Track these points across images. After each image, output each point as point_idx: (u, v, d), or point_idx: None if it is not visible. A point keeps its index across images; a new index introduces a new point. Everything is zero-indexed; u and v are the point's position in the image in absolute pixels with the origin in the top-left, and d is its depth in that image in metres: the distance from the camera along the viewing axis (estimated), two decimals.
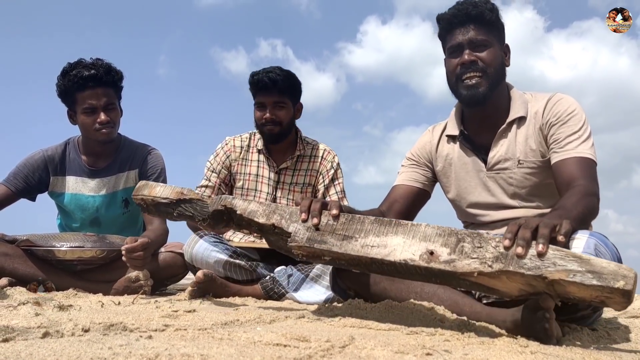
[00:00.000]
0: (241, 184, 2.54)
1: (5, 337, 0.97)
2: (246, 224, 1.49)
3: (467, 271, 1.15)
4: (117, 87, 2.43)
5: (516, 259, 1.12)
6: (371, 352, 0.96)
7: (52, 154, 2.46)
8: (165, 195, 1.60)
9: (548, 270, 1.09)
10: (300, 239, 1.36)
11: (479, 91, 1.72)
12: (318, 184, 2.60)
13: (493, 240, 1.17)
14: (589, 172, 1.59)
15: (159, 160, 2.57)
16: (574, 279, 1.06)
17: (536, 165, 1.72)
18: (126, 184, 2.50)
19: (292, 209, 1.43)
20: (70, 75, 2.31)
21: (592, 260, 1.08)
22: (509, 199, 1.75)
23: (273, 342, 1.02)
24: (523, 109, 1.76)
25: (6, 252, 2.11)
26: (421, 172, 1.95)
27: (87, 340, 1.00)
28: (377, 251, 1.27)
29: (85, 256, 2.15)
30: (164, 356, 0.85)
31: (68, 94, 2.34)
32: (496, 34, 1.77)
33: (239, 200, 1.51)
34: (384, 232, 1.29)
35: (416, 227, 1.26)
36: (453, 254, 1.19)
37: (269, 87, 2.45)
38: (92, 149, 2.48)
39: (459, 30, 1.75)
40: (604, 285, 1.04)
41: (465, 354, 1.01)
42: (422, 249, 1.22)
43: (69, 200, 2.47)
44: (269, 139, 2.52)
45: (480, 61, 1.72)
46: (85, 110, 2.33)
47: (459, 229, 1.23)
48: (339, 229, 1.34)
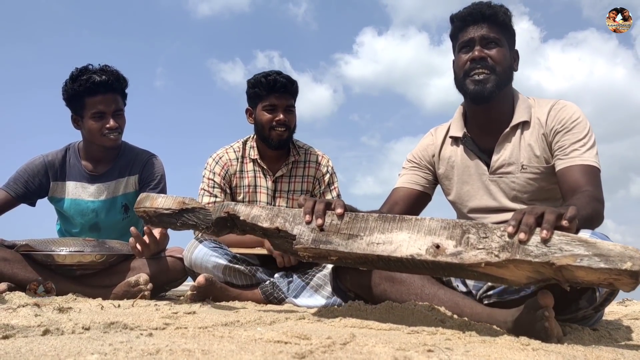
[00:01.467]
0: (242, 197, 2.51)
1: (5, 334, 0.97)
2: (250, 228, 1.49)
3: (475, 262, 1.15)
4: (124, 94, 2.45)
5: (522, 247, 1.12)
6: (372, 349, 0.96)
7: (52, 159, 2.46)
8: (168, 206, 1.59)
9: (555, 256, 1.09)
10: (306, 240, 1.35)
11: (486, 87, 1.72)
12: (314, 190, 2.60)
13: (498, 229, 1.17)
14: (594, 179, 1.61)
15: (159, 166, 2.57)
16: (582, 263, 1.06)
17: (539, 171, 1.72)
18: (126, 190, 2.50)
19: (295, 211, 1.43)
20: (81, 80, 2.32)
21: (598, 243, 1.08)
22: (510, 203, 1.75)
23: (274, 339, 1.02)
24: (527, 113, 1.77)
25: (5, 257, 2.10)
26: (422, 175, 1.94)
27: (87, 337, 0.99)
28: (383, 248, 1.27)
29: (84, 261, 2.14)
30: (165, 351, 0.85)
31: (76, 99, 2.35)
32: (507, 36, 1.79)
33: (241, 205, 1.51)
34: (388, 228, 1.29)
35: (420, 222, 1.26)
36: (459, 246, 1.19)
37: (285, 87, 2.40)
38: (94, 155, 2.48)
39: (472, 28, 1.77)
40: (612, 268, 1.04)
41: (466, 351, 1.01)
42: (428, 243, 1.22)
43: (68, 205, 2.47)
44: (277, 144, 2.45)
45: (490, 58, 1.74)
46: (94, 115, 2.34)
47: (463, 220, 1.23)
48: (344, 228, 1.34)
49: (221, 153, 2.55)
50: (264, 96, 2.43)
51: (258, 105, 2.46)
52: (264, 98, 2.43)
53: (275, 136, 2.43)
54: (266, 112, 2.43)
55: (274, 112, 2.42)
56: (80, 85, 2.32)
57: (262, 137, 2.48)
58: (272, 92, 2.41)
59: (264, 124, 2.44)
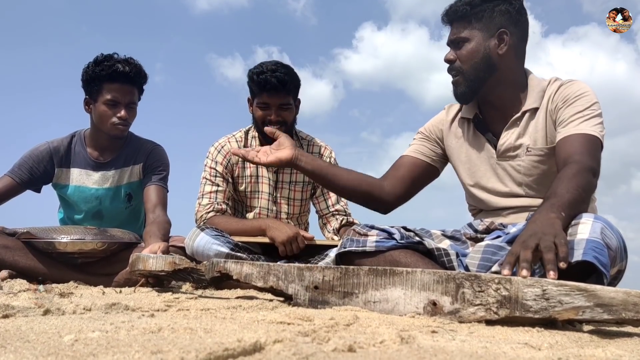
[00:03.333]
0: (244, 187, 2.50)
1: (6, 313, 0.96)
2: (246, 285, 1.49)
3: (474, 320, 1.13)
4: (142, 90, 2.48)
5: (521, 302, 1.08)
6: (376, 330, 0.95)
7: (57, 146, 2.46)
8: (160, 268, 1.57)
9: (555, 311, 1.05)
10: (302, 301, 1.34)
11: (458, 90, 1.76)
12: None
13: (492, 282, 1.12)
14: (587, 147, 1.55)
15: (163, 155, 2.57)
16: (584, 316, 1.03)
17: (544, 153, 1.70)
18: (130, 179, 2.51)
19: (285, 267, 1.39)
20: (104, 65, 2.33)
21: (599, 291, 1.03)
22: (516, 187, 1.74)
23: (276, 320, 1.01)
24: (539, 98, 1.74)
25: (6, 244, 2.09)
26: (429, 147, 1.93)
27: (88, 317, 0.99)
28: (380, 307, 1.24)
29: (86, 248, 2.13)
30: (167, 329, 0.84)
31: (95, 82, 2.36)
32: (478, 25, 1.74)
33: (231, 263, 1.47)
34: (381, 284, 1.26)
35: (412, 275, 1.22)
36: (456, 302, 1.15)
37: (276, 88, 2.34)
38: (100, 142, 2.48)
39: (450, 31, 1.80)
40: (617, 318, 1.01)
41: (470, 332, 1.00)
42: (424, 300, 1.19)
43: (72, 192, 2.47)
44: (272, 140, 2.45)
45: (458, 60, 1.75)
46: (108, 102, 2.35)
47: (455, 272, 1.19)
48: (337, 286, 1.30)
49: (223, 142, 2.53)
50: (257, 93, 2.40)
51: (255, 99, 2.44)
52: (257, 95, 2.40)
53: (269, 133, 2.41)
54: (259, 109, 2.41)
55: (267, 110, 2.39)
56: (102, 70, 2.33)
57: (259, 131, 2.47)
58: (264, 91, 2.36)
59: (258, 119, 2.43)
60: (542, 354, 0.76)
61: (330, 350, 0.69)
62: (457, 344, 0.83)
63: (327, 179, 1.82)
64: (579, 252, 1.22)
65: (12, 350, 0.63)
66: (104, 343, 0.69)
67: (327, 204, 2.59)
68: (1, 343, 0.68)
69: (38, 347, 0.66)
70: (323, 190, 2.57)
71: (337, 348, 0.70)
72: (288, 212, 2.56)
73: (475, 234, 1.77)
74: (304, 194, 2.59)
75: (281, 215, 2.54)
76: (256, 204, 2.52)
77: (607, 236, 1.27)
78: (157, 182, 2.45)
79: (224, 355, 0.63)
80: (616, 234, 1.31)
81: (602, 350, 0.79)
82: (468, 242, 1.78)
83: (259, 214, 2.51)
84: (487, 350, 0.78)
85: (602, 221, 1.29)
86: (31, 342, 0.70)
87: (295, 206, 2.58)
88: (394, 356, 0.68)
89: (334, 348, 0.70)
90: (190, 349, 0.62)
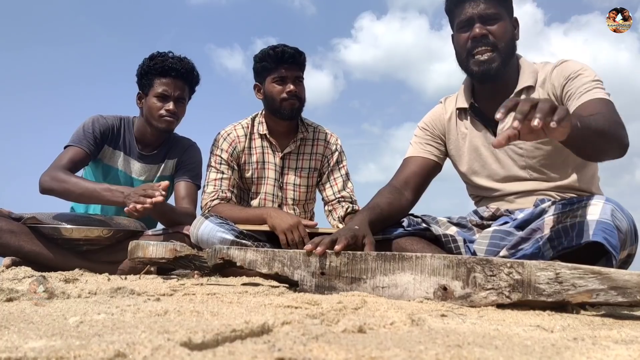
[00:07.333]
0: (250, 174, 2.49)
1: (10, 297, 0.95)
2: (251, 273, 1.45)
3: (485, 304, 1.11)
4: (193, 89, 2.52)
5: (534, 286, 1.06)
6: (385, 313, 0.93)
7: (112, 123, 2.48)
8: (161, 255, 1.56)
9: (569, 294, 1.03)
10: (309, 287, 1.32)
11: (492, 67, 1.67)
12: (323, 168, 2.57)
13: (504, 266, 1.11)
14: (609, 107, 1.49)
15: (197, 154, 2.62)
16: (598, 299, 1.01)
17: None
18: (163, 172, 2.55)
19: (290, 253, 1.37)
20: (157, 60, 2.41)
21: (612, 274, 1.01)
22: (520, 171, 1.71)
23: (284, 304, 1.00)
24: (532, 78, 1.71)
25: (12, 229, 2.09)
26: (434, 145, 1.90)
27: (94, 301, 0.98)
28: (389, 292, 1.22)
29: (91, 235, 2.13)
30: (173, 312, 0.83)
31: (147, 77, 2.42)
32: (505, 6, 1.72)
33: (235, 250, 1.45)
34: (390, 269, 1.24)
35: (422, 260, 1.20)
36: (467, 287, 1.14)
37: (294, 57, 2.38)
38: (145, 135, 2.50)
39: (468, 4, 1.70)
40: (631, 300, 0.99)
41: (480, 316, 0.98)
42: (435, 285, 1.18)
43: (119, 175, 2.48)
44: (290, 115, 2.42)
45: (491, 35, 1.67)
46: (158, 95, 2.39)
47: (466, 256, 1.18)
48: (344, 271, 1.29)
49: (229, 130, 2.53)
50: (273, 69, 2.40)
51: (267, 79, 2.43)
52: (272, 70, 2.41)
53: (288, 106, 2.40)
54: (276, 84, 2.41)
55: (284, 84, 2.40)
56: (155, 64, 2.40)
57: (273, 110, 2.44)
58: (281, 64, 2.38)
59: (275, 95, 2.41)
60: (556, 335, 0.75)
61: (340, 331, 0.68)
62: (468, 326, 0.81)
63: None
64: (589, 232, 1.20)
65: (15, 331, 0.62)
66: (110, 324, 0.68)
67: (334, 190, 2.57)
68: (4, 324, 0.67)
69: (42, 328, 0.65)
70: (329, 177, 2.56)
71: (347, 329, 0.69)
72: (294, 199, 2.54)
73: (481, 221, 1.75)
74: (310, 180, 2.57)
75: (287, 202, 2.53)
76: (262, 190, 2.51)
77: (617, 218, 1.25)
78: (188, 179, 2.49)
79: (232, 336, 0.62)
80: (627, 217, 1.29)
81: (617, 331, 0.77)
82: (474, 229, 1.76)
83: (264, 199, 2.50)
84: (500, 332, 0.76)
85: (612, 203, 1.27)
86: (35, 324, 0.69)
87: (301, 192, 2.56)
88: (405, 337, 0.67)
89: (343, 329, 0.69)
90: (197, 330, 0.61)
